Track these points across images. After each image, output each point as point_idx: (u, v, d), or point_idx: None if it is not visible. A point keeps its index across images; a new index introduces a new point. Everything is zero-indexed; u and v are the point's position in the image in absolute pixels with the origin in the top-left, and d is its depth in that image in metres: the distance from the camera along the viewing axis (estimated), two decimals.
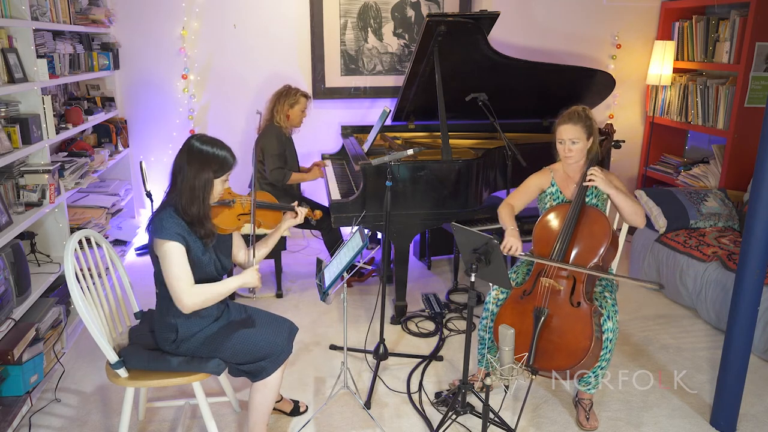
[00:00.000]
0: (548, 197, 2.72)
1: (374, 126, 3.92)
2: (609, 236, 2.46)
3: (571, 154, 2.57)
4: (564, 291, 2.45)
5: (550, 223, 2.60)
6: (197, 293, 2.04)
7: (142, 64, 4.34)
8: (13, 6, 2.83)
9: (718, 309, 3.32)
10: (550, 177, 2.72)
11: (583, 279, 2.43)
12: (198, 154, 2.05)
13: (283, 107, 3.67)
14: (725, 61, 4.14)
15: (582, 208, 2.54)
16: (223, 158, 2.09)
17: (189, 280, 2.03)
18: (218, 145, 2.10)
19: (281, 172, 3.65)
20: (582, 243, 2.50)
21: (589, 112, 2.59)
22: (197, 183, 2.05)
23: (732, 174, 4.11)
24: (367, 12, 4.42)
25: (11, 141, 2.74)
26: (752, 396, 2.75)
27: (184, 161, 2.06)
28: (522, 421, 2.56)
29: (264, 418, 2.27)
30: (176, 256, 2.01)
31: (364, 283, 4.01)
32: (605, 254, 2.46)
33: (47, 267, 2.98)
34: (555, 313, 2.43)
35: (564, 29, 4.66)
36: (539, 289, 2.49)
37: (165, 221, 2.03)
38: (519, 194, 2.76)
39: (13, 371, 2.42)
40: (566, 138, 2.55)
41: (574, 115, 2.56)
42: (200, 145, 2.07)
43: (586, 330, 2.35)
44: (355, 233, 2.38)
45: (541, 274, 2.51)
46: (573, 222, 2.51)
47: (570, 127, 2.55)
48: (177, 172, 2.08)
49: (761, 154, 2.24)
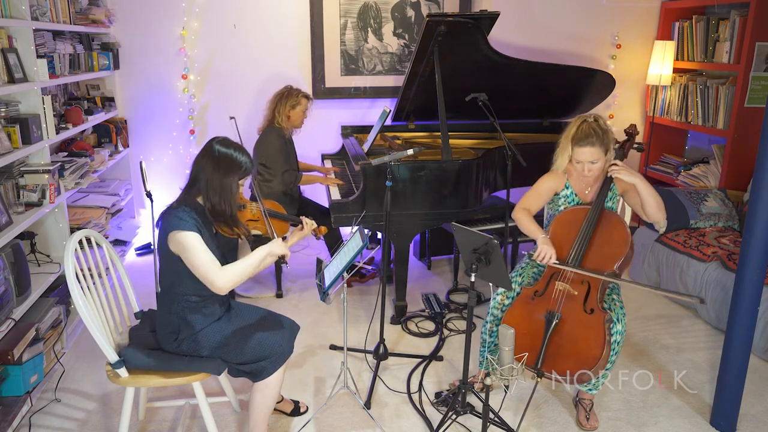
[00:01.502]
0: (562, 200, 2.64)
1: (374, 126, 3.92)
2: (628, 243, 2.40)
3: (591, 174, 2.47)
4: (578, 297, 2.40)
5: (567, 225, 2.52)
6: (228, 273, 2.05)
7: (142, 64, 4.34)
8: (13, 6, 2.83)
9: (718, 309, 3.32)
10: (564, 179, 2.63)
11: (598, 286, 2.38)
12: (222, 156, 2.10)
13: (284, 108, 3.65)
14: (725, 61, 4.14)
15: (601, 212, 2.48)
16: (243, 163, 2.13)
17: (216, 263, 2.05)
18: (240, 149, 2.15)
19: (292, 174, 3.62)
20: (601, 249, 2.44)
21: (603, 124, 2.46)
22: (226, 183, 2.09)
23: (732, 174, 4.11)
24: (367, 12, 4.42)
25: (11, 141, 2.74)
26: (752, 396, 2.75)
27: (207, 162, 2.09)
28: (522, 421, 2.56)
29: (264, 419, 2.27)
30: (198, 243, 2.04)
31: (365, 283, 4.01)
32: (624, 263, 2.41)
33: (47, 267, 2.98)
34: (568, 318, 2.38)
35: (564, 29, 4.66)
36: (553, 292, 2.44)
37: (181, 214, 2.05)
38: (533, 198, 2.66)
39: (13, 371, 2.42)
40: (585, 160, 2.45)
41: (591, 134, 2.41)
42: (225, 148, 2.11)
43: (598, 338, 2.31)
44: (355, 233, 2.38)
45: (556, 276, 2.47)
46: (592, 226, 2.45)
47: (588, 150, 2.42)
48: (198, 171, 2.10)
49: (761, 154, 2.24)
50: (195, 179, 2.12)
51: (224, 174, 2.09)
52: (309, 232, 2.43)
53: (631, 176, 2.44)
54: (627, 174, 2.43)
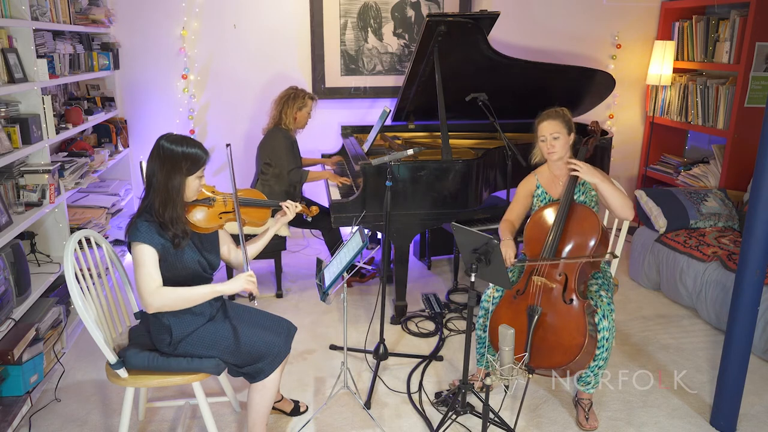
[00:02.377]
0: (535, 199, 2.75)
1: (374, 126, 3.92)
2: (599, 231, 2.47)
3: (555, 149, 2.61)
4: (556, 289, 2.46)
5: (540, 222, 2.62)
6: (162, 295, 2.01)
7: (142, 64, 4.34)
8: (13, 6, 2.83)
9: (718, 309, 3.32)
10: (534, 180, 2.75)
11: (574, 276, 2.45)
12: (168, 154, 2.04)
13: (291, 110, 3.67)
14: (725, 61, 4.14)
15: (571, 205, 2.56)
16: (194, 155, 2.06)
17: (154, 281, 2.01)
18: (188, 142, 2.07)
19: (299, 172, 3.65)
20: (572, 240, 2.52)
21: (565, 111, 2.66)
22: (170, 184, 2.03)
23: (732, 174, 4.11)
24: (367, 12, 4.42)
25: (11, 141, 2.74)
26: (752, 396, 2.75)
27: (155, 163, 2.04)
28: (522, 421, 2.56)
29: (263, 419, 2.27)
30: (145, 257, 2.00)
31: (365, 283, 4.01)
32: (595, 250, 2.48)
33: (47, 267, 2.98)
34: (548, 311, 2.45)
35: (564, 29, 4.66)
36: (531, 287, 2.50)
37: (139, 225, 2.03)
38: (513, 207, 2.81)
39: (13, 371, 2.42)
40: (547, 134, 2.60)
41: (552, 112, 2.64)
42: (169, 144, 2.05)
43: (579, 326, 2.37)
44: (355, 233, 2.38)
45: (533, 272, 2.53)
46: (563, 219, 2.53)
47: (549, 123, 2.61)
48: (151, 175, 2.06)
49: (761, 154, 2.24)
50: (148, 182, 2.08)
51: (169, 171, 2.03)
52: (293, 216, 2.38)
53: (590, 176, 2.51)
54: (586, 173, 2.51)
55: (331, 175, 3.82)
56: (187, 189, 2.09)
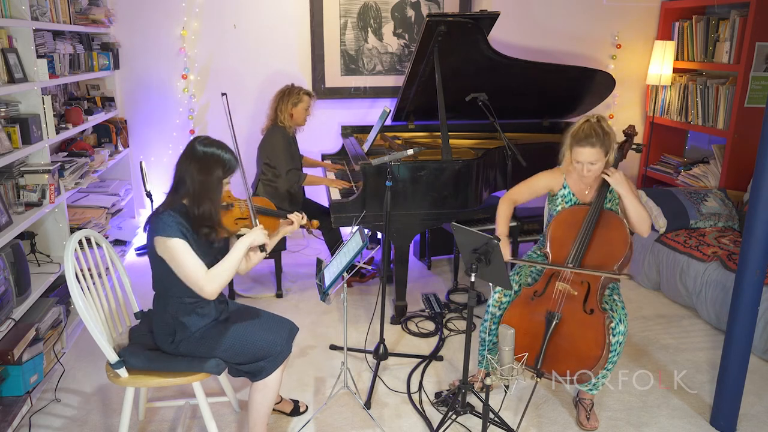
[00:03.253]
0: (560, 199, 2.63)
1: (374, 126, 3.92)
2: (628, 244, 2.40)
3: (590, 174, 2.46)
4: (578, 297, 2.40)
5: (566, 225, 2.52)
6: (215, 276, 2.06)
7: (142, 64, 4.34)
8: (13, 6, 2.83)
9: (718, 309, 3.32)
10: (562, 179, 2.62)
11: (598, 286, 2.39)
12: (205, 155, 2.07)
13: (286, 106, 3.62)
14: (725, 61, 4.14)
15: (600, 212, 2.49)
16: (228, 160, 2.11)
17: (203, 268, 2.05)
18: (223, 147, 2.13)
19: (296, 173, 3.60)
20: (600, 249, 2.44)
21: (605, 125, 2.43)
22: (208, 183, 2.07)
23: (732, 174, 4.11)
24: (367, 12, 4.42)
25: (11, 141, 2.74)
26: (752, 396, 2.75)
27: (190, 163, 2.07)
28: (522, 421, 2.56)
29: (264, 418, 2.27)
30: (184, 250, 2.03)
31: (365, 283, 4.01)
32: (623, 263, 2.42)
33: (47, 267, 2.98)
34: (567, 318, 2.39)
35: (564, 29, 4.66)
36: (553, 292, 2.44)
37: (166, 219, 2.04)
38: (524, 189, 2.67)
39: (13, 371, 2.42)
40: (584, 161, 2.42)
41: (591, 135, 2.38)
42: (205, 147, 2.09)
43: (598, 338, 2.32)
44: (355, 233, 2.38)
45: (556, 277, 2.47)
46: (592, 226, 2.45)
47: (588, 150, 2.39)
48: (183, 173, 2.08)
49: (761, 154, 2.24)
50: (179, 181, 2.10)
51: (207, 171, 2.07)
52: (297, 227, 2.43)
53: (619, 185, 2.46)
54: (616, 182, 2.45)
55: (329, 182, 3.77)
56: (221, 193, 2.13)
